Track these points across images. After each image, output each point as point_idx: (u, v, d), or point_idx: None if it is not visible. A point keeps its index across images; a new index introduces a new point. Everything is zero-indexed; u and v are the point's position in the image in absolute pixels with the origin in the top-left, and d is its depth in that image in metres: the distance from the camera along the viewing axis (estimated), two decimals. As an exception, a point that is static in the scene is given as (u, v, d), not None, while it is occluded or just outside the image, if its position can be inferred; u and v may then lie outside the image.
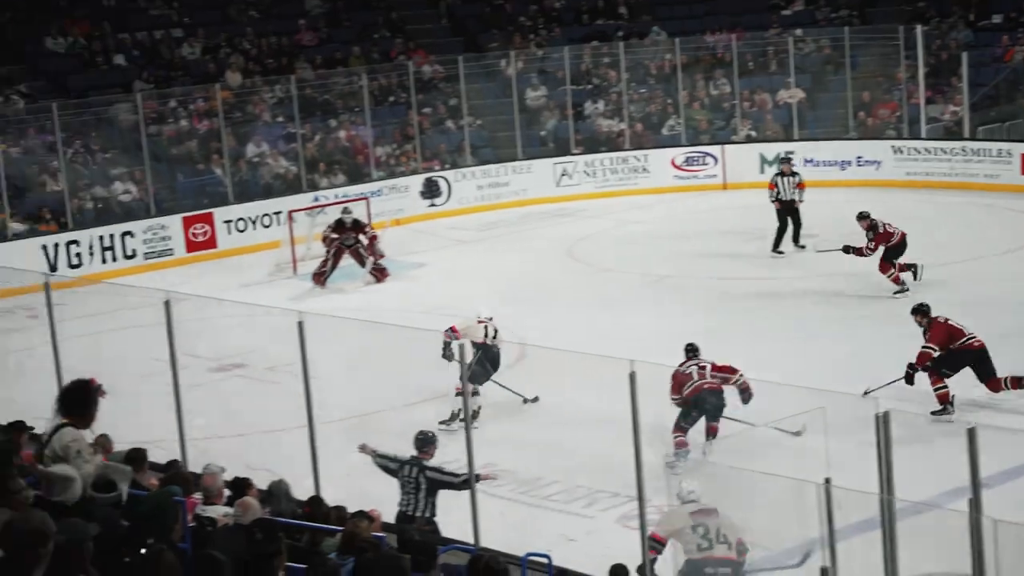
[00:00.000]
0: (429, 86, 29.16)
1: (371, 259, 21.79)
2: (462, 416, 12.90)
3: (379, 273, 21.80)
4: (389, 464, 11.28)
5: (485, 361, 14.88)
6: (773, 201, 21.93)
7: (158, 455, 11.26)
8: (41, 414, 12.50)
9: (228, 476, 10.17)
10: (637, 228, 24.69)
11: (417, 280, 22.01)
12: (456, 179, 27.55)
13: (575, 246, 23.80)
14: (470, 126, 28.65)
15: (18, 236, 23.29)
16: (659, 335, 17.16)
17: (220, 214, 24.92)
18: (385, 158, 27.82)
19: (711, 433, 13.35)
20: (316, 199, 25.20)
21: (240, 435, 14.01)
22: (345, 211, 22.25)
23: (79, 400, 7.99)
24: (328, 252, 21.80)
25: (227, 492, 9.95)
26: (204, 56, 28.93)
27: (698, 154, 28.11)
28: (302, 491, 10.48)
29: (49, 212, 23.85)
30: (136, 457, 10.25)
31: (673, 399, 13.41)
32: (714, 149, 28.13)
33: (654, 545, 9.69)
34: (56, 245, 23.22)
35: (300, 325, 11.18)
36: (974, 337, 14.21)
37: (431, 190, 27.28)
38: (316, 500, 10.16)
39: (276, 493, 9.98)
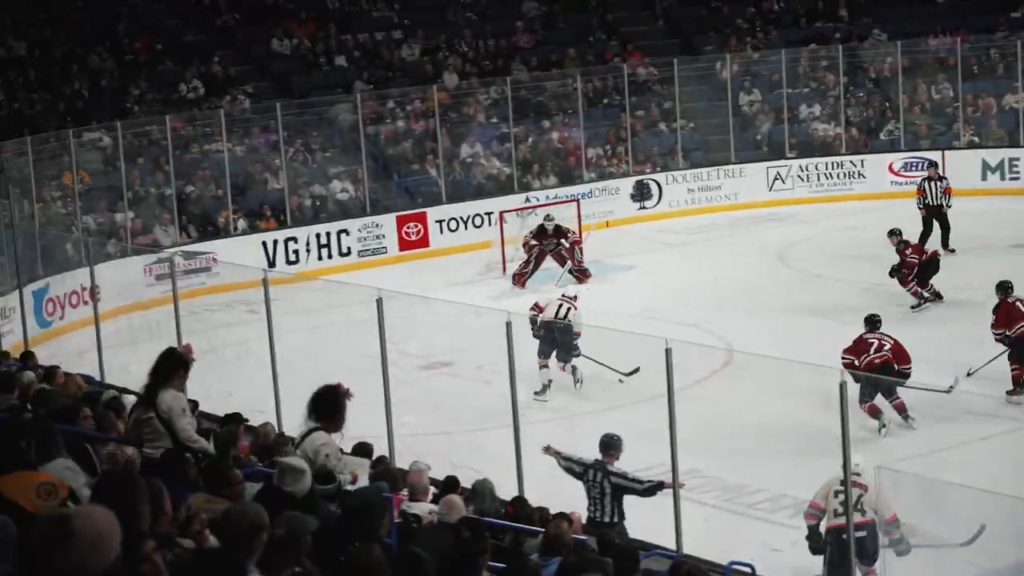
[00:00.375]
0: (643, 88, 29.09)
1: (570, 262, 21.90)
2: (540, 390, 15.64)
3: (581, 274, 21.87)
4: (574, 467, 11.11)
5: (551, 337, 16.05)
6: (920, 207, 22.39)
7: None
8: (256, 407, 12.92)
9: (433, 474, 10.29)
10: (851, 234, 24.20)
11: (625, 283, 21.98)
12: (667, 182, 27.43)
13: (786, 251, 23.47)
14: (683, 129, 28.48)
15: (240, 232, 24.02)
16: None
17: (433, 214, 25.30)
18: (596, 160, 27.86)
19: (900, 410, 14.20)
20: (527, 200, 25.39)
21: (446, 433, 14.19)
22: (547, 217, 22.37)
23: (329, 405, 8.21)
24: (530, 255, 22.00)
25: (432, 489, 10.08)
26: (422, 58, 29.40)
27: (917, 159, 27.41)
28: (505, 491, 10.55)
29: (270, 209, 24.52)
30: (366, 450, 10.53)
31: (844, 359, 14.40)
32: (934, 154, 27.37)
33: (814, 512, 10.77)
34: (275, 242, 23.88)
35: (508, 325, 11.29)
36: None
37: (642, 193, 27.22)
38: (520, 500, 10.22)
39: (480, 492, 10.06)
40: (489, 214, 25.09)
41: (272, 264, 23.19)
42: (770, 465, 13.27)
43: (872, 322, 15.23)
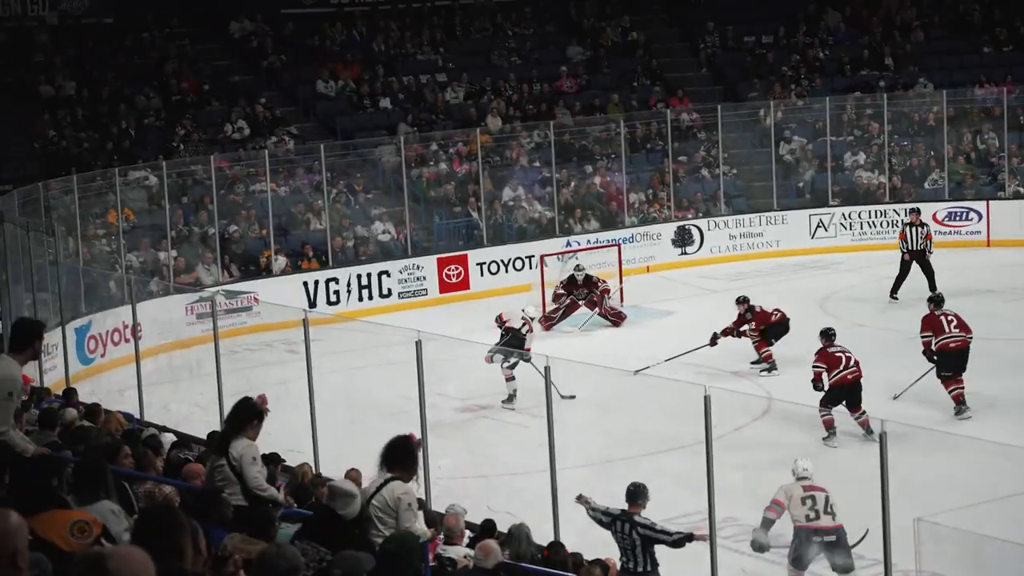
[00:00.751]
0: (686, 134, 29.13)
1: (598, 308, 21.97)
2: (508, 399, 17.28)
3: (616, 318, 21.91)
4: (602, 518, 10.91)
5: (512, 343, 17.72)
6: (904, 252, 22.88)
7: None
8: (294, 447, 12.94)
9: (469, 517, 10.27)
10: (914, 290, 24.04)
11: (664, 328, 21.91)
12: (709, 228, 27.41)
13: (828, 299, 23.36)
14: (726, 175, 28.47)
15: (282, 272, 24.13)
16: (910, 394, 16.72)
17: (474, 256, 25.35)
18: (639, 205, 27.87)
19: (864, 426, 15.05)
20: (568, 244, 25.41)
21: (483, 476, 14.16)
22: (577, 268, 22.44)
23: (404, 455, 8.30)
24: (559, 304, 22.15)
25: (468, 533, 10.06)
26: (466, 101, 29.54)
27: (961, 209, 27.29)
28: (541, 536, 10.51)
29: (312, 250, 24.63)
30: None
31: (816, 367, 15.70)
32: (978, 204, 27.26)
33: (775, 507, 11.46)
34: (316, 282, 23.97)
35: (546, 370, 11.27)
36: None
37: (683, 238, 27.20)
38: (556, 545, 10.17)
39: (516, 536, 10.03)
40: (530, 257, 25.11)
41: (313, 304, 23.27)
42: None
43: (829, 335, 16.15)
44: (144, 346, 18.05)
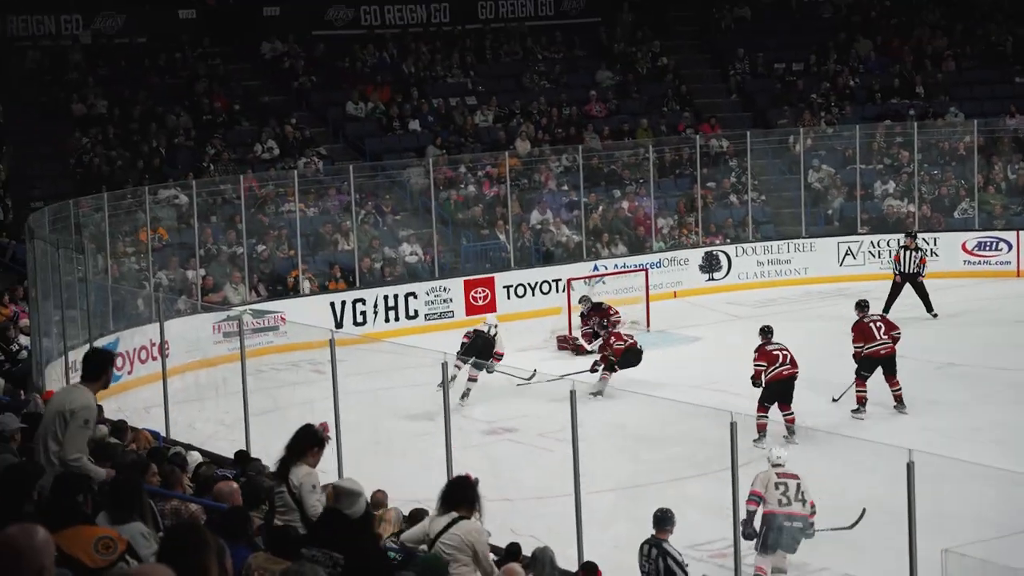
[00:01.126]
0: (715, 160, 29.09)
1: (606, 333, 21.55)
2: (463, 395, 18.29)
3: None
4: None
5: (477, 345, 18.96)
6: (896, 274, 23.74)
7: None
8: (319, 467, 12.90)
9: (494, 540, 10.23)
10: (923, 312, 23.95)
11: (690, 354, 21.85)
12: (737, 254, 27.34)
13: (857, 328, 23.22)
14: (754, 201, 28.42)
15: (309, 292, 24.16)
16: (942, 425, 16.62)
17: (501, 279, 25.35)
18: (667, 230, 27.83)
19: (788, 425, 15.96)
20: (596, 268, 25.39)
21: (507, 500, 14.12)
22: (581, 300, 22.40)
23: (465, 494, 8.40)
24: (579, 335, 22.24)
25: (493, 557, 10.02)
26: (495, 124, 29.58)
27: (991, 239, 27.17)
28: (565, 560, 10.47)
29: (339, 270, 24.67)
30: (422, 517, 10.51)
31: (757, 365, 16.68)
32: (1008, 235, 27.13)
33: (755, 499, 12.10)
34: (343, 303, 24.00)
35: (572, 394, 11.24)
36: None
37: (711, 264, 27.14)
38: (590, 566, 10.15)
39: (541, 560, 9.99)
40: (557, 281, 25.11)
41: (339, 325, 23.30)
42: (834, 543, 13.07)
43: (767, 332, 17.17)
44: (171, 364, 18.08)
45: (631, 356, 19.35)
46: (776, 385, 16.51)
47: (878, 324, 18.05)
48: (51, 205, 21.55)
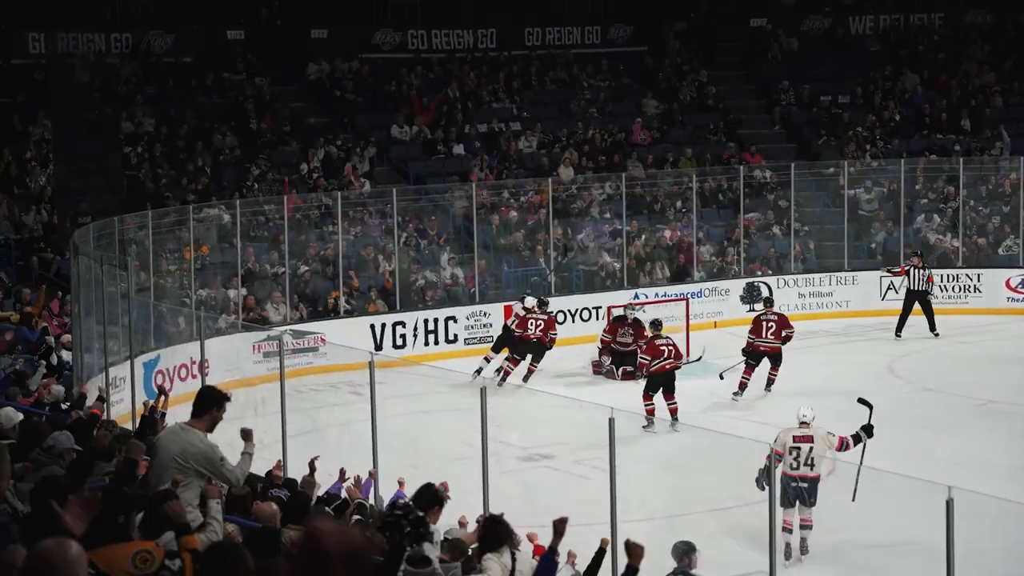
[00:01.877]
0: (759, 191, 29.02)
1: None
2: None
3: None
4: None
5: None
6: (908, 288, 24.83)
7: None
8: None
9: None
10: (964, 349, 23.81)
11: (728, 384, 21.74)
12: (778, 286, 27.20)
13: (896, 362, 23.11)
14: (797, 233, 28.30)
15: (349, 314, 24.22)
16: (978, 461, 16.48)
17: (541, 305, 25.29)
18: (709, 259, 27.77)
19: (672, 413, 18.69)
20: (636, 296, 25.33)
21: (542, 526, 14.05)
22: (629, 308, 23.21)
23: (500, 534, 8.50)
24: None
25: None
26: (539, 150, 29.63)
27: (1036, 277, 26.96)
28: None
29: (379, 293, 24.71)
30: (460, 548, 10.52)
31: (642, 358, 19.32)
32: (1049, 272, 26.93)
33: (775, 457, 12.56)
34: (383, 325, 24.04)
35: (611, 422, 11.20)
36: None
37: (751, 295, 27.02)
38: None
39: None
40: (597, 308, 25.06)
41: (379, 347, 23.33)
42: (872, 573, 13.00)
43: (656, 325, 19.31)
44: (210, 382, 18.13)
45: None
46: (659, 377, 18.64)
47: (770, 323, 20.61)
48: (97, 222, 21.71)
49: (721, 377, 20.41)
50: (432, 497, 9.02)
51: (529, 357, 21.89)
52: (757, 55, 33.74)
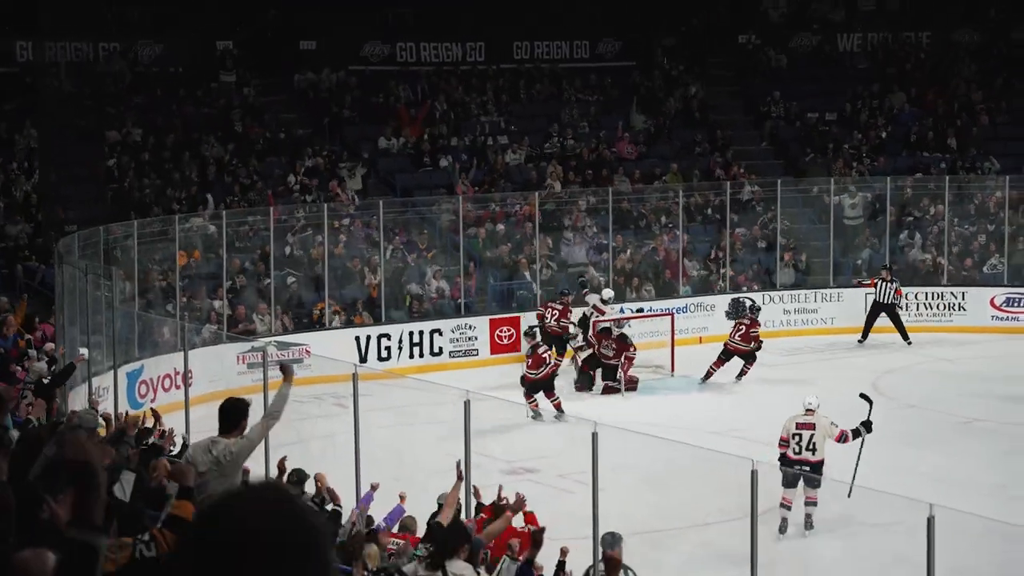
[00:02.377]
0: (745, 207, 29.05)
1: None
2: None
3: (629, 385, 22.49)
4: None
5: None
6: (876, 299, 25.56)
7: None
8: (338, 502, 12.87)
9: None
10: (948, 366, 23.87)
11: (712, 401, 21.78)
12: (764, 302, 27.20)
13: (881, 379, 23.12)
14: (783, 249, 28.32)
15: (334, 326, 24.19)
16: (959, 479, 16.51)
17: (527, 318, 25.28)
18: (695, 275, 27.79)
19: (557, 408, 20.07)
20: (621, 311, 25.32)
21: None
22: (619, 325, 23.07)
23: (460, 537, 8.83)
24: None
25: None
26: (527, 163, 29.65)
27: (1020, 295, 27.03)
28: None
29: (364, 305, 24.68)
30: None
31: (530, 373, 20.38)
32: (1037, 291, 27.00)
33: (782, 443, 14.74)
34: (368, 337, 24.01)
35: (594, 436, 11.22)
36: None
37: (737, 311, 26.99)
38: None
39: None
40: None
41: (364, 359, 23.29)
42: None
43: (532, 334, 21.31)
44: (194, 393, 18.12)
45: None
46: (540, 383, 20.17)
47: (741, 327, 22.63)
48: (82, 231, 21.67)
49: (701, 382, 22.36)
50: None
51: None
52: (746, 71, 33.79)
